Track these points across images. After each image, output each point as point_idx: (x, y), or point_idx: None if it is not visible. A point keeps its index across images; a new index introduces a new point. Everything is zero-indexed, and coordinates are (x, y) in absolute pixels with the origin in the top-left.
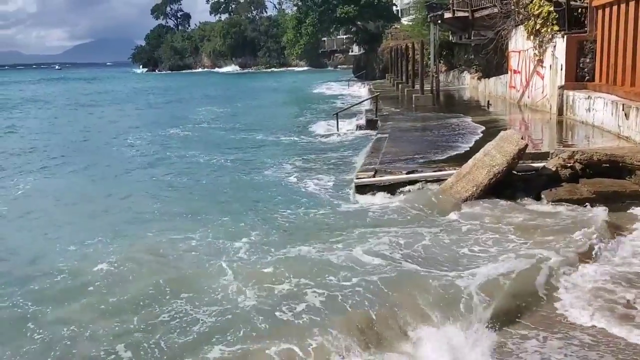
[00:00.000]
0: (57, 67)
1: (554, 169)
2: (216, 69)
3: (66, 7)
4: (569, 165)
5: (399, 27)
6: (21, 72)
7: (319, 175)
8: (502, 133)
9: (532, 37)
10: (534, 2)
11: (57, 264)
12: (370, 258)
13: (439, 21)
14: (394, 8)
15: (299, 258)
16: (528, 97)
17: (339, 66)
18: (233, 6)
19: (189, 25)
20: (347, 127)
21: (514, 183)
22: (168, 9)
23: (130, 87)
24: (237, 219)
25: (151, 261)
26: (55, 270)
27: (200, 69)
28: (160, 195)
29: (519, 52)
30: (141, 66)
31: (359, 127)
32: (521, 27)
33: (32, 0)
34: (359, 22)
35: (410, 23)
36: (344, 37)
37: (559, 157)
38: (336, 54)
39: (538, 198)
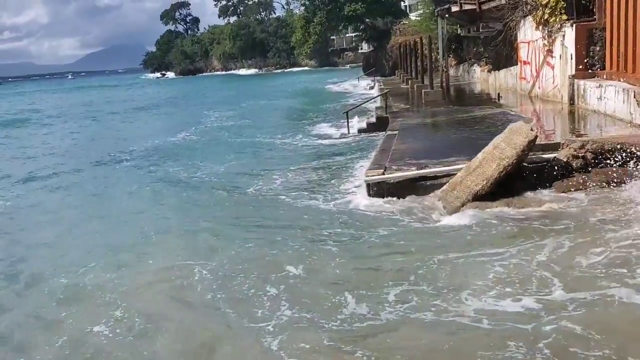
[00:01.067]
0: (70, 76)
1: (565, 160)
2: (236, 71)
3: (78, 16)
4: (580, 155)
5: (407, 22)
6: (35, 82)
7: (344, 184)
8: (510, 125)
9: (540, 27)
10: None
11: (49, 307)
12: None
13: (447, 15)
14: (402, 4)
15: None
16: (539, 87)
17: (348, 64)
18: (241, 8)
19: (198, 29)
20: (358, 126)
21: (525, 175)
22: (177, 14)
23: (144, 94)
24: (265, 247)
25: (169, 316)
26: (46, 321)
27: (215, 72)
28: (168, 214)
29: (528, 42)
30: (152, 72)
31: (370, 125)
32: (529, 18)
33: (44, 11)
34: (367, 20)
35: (419, 18)
36: (353, 34)
37: (570, 148)
38: (345, 52)
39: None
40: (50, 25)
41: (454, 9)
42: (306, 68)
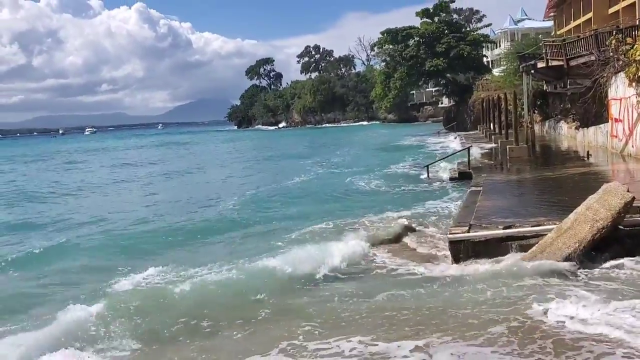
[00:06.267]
0: (160, 126)
1: None
2: (316, 125)
3: (170, 72)
4: None
5: (489, 78)
6: (130, 131)
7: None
8: (605, 185)
9: (634, 84)
10: (635, 47)
11: None
12: None
13: (532, 71)
14: (485, 59)
15: None
16: (632, 146)
17: (428, 118)
18: (323, 64)
19: (281, 84)
20: (440, 179)
21: (621, 239)
22: (262, 69)
23: (234, 146)
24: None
25: None
26: None
27: (296, 126)
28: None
29: (620, 99)
30: (236, 124)
31: (452, 180)
32: (621, 74)
33: (140, 66)
34: (448, 75)
35: (502, 74)
36: (433, 89)
37: None
38: (425, 106)
39: None
40: (144, 79)
41: (540, 64)
42: (385, 123)
